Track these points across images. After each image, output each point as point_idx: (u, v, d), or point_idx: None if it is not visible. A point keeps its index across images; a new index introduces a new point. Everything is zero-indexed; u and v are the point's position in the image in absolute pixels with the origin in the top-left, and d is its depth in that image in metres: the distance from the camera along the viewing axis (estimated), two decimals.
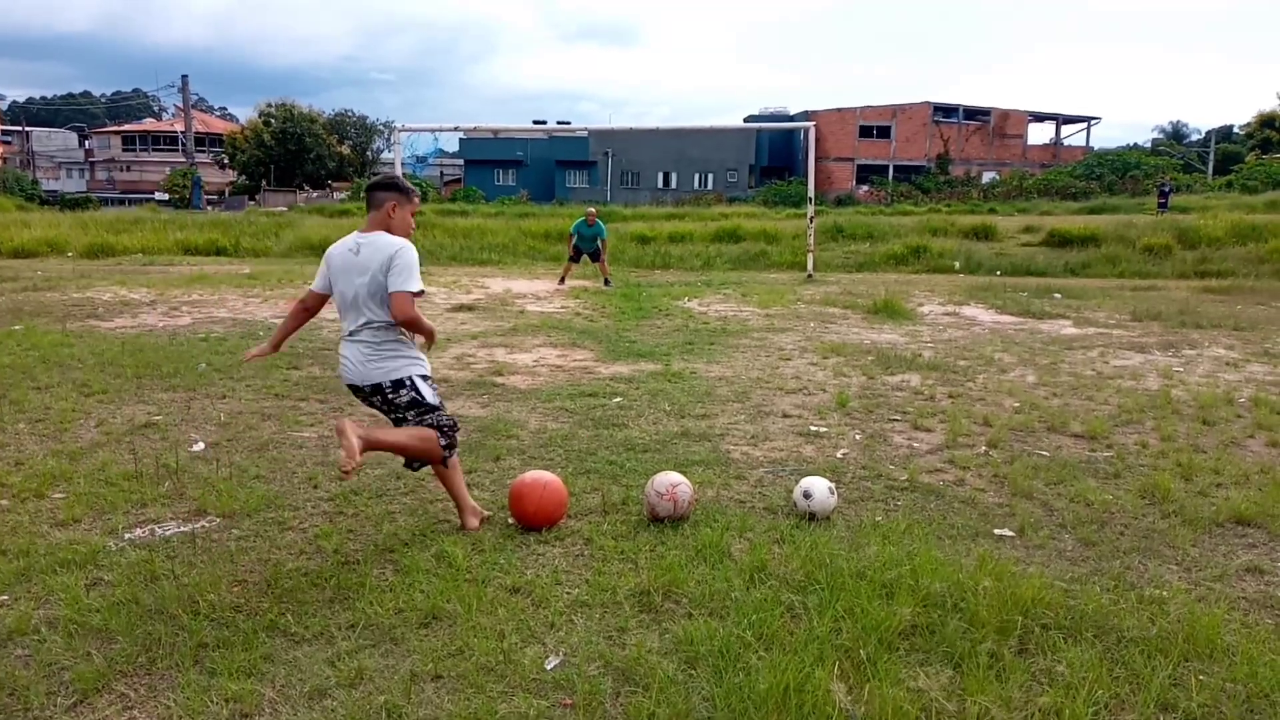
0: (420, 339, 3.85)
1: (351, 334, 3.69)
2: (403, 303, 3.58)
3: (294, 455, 5.13)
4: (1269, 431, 5.92)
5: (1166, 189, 32.18)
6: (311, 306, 3.95)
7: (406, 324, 3.66)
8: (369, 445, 3.53)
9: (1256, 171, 42.27)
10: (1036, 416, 6.24)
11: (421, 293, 3.64)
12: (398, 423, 3.79)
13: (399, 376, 3.69)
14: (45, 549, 3.68)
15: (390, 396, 3.71)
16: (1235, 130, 68.47)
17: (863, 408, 6.49)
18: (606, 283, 15.96)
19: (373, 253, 3.61)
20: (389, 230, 3.70)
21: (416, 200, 3.81)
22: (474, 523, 3.99)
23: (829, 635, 2.97)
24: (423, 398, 3.75)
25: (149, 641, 2.94)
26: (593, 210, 16.64)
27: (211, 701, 2.61)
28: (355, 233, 3.76)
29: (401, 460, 4.01)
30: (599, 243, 16.11)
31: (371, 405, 3.85)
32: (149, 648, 2.90)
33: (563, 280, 15.96)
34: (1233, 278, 17.63)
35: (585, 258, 16.39)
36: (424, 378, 3.78)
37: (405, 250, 3.61)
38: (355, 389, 3.79)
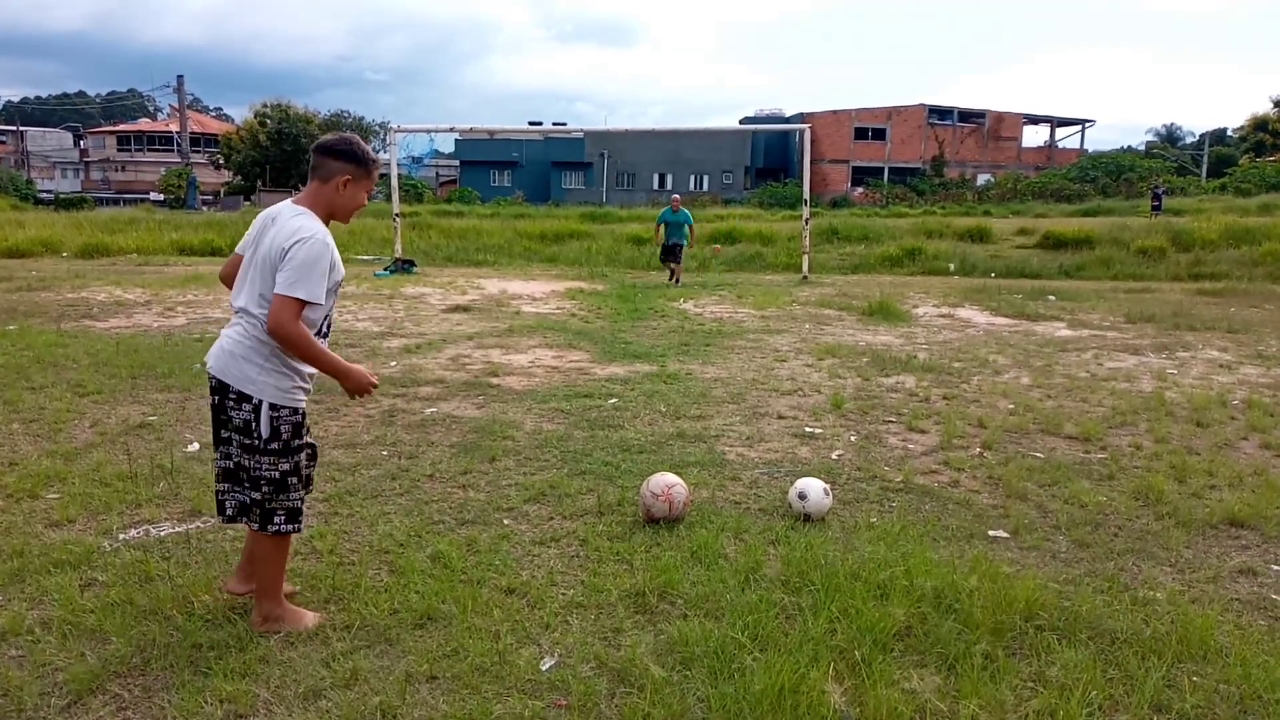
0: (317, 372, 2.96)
1: (235, 315, 2.95)
2: (279, 309, 2.72)
3: None
4: (1262, 434, 5.94)
5: (1160, 192, 32.35)
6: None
7: (278, 337, 2.75)
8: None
9: (1250, 174, 42.48)
10: (1031, 418, 6.26)
11: (310, 304, 2.76)
12: (222, 441, 2.99)
13: (250, 391, 2.86)
14: (39, 549, 3.67)
15: (230, 406, 2.91)
16: (1229, 133, 68.84)
17: (858, 409, 6.50)
18: (677, 282, 16.14)
19: (277, 235, 2.81)
20: (329, 212, 2.93)
21: (375, 175, 3.00)
22: (310, 620, 3.10)
23: (824, 636, 2.97)
24: (259, 433, 2.86)
25: (143, 642, 2.93)
26: (677, 197, 17.00)
27: (206, 703, 2.61)
28: (290, 200, 2.96)
29: (396, 453, 3.94)
30: (687, 229, 16.34)
31: (215, 407, 3.01)
32: (143, 649, 2.90)
33: (676, 280, 16.19)
34: (1226, 280, 17.67)
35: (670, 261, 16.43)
36: (275, 409, 2.87)
37: (310, 243, 2.75)
38: (211, 380, 2.98)
